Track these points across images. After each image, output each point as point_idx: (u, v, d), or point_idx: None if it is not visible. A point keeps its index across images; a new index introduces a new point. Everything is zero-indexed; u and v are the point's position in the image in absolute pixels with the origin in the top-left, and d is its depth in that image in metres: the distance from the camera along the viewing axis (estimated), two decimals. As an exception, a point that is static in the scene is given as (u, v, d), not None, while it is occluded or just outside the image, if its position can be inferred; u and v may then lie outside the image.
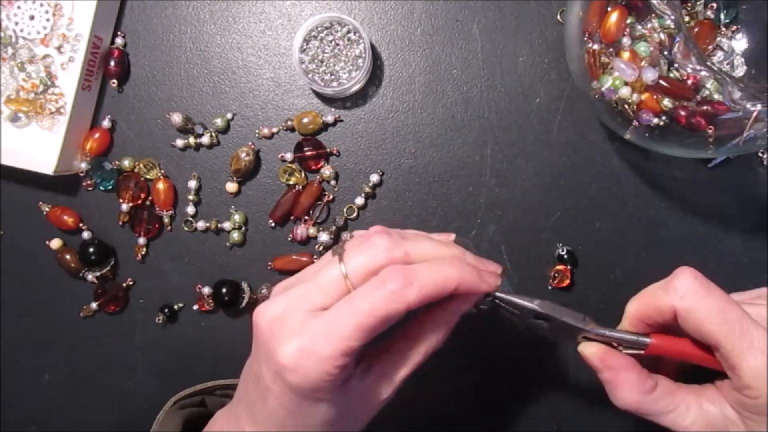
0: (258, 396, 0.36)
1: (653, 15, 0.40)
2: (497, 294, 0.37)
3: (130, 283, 0.52)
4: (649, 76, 0.39)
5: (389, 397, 0.37)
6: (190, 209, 0.51)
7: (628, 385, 0.35)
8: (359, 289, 0.34)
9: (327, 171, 0.50)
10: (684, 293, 0.34)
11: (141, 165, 0.51)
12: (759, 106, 0.36)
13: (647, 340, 0.36)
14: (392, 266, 0.34)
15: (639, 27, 0.41)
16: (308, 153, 0.50)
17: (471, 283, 0.35)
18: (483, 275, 0.36)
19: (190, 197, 0.51)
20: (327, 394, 0.34)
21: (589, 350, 0.37)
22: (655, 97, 0.41)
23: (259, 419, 0.37)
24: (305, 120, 0.50)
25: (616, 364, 0.36)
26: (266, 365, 0.35)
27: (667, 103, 0.40)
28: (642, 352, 0.36)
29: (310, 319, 0.34)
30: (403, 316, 0.34)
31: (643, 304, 0.36)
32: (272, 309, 0.35)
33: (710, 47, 0.46)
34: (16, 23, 0.48)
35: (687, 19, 0.46)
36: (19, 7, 0.48)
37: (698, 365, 0.37)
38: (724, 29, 0.46)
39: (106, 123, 0.51)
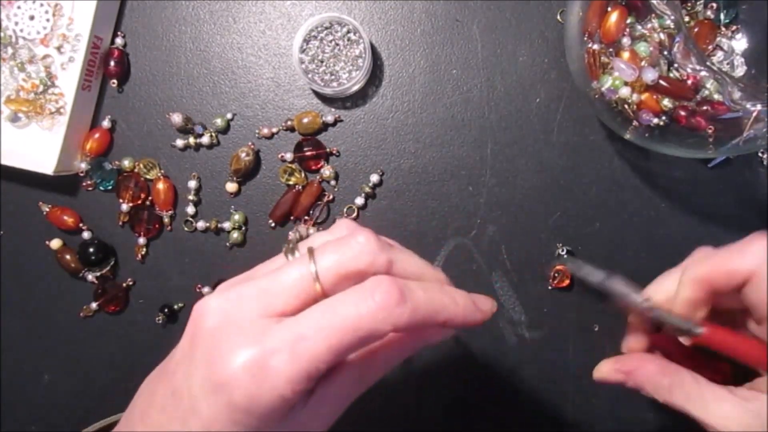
0: (172, 419, 0.28)
1: (653, 15, 0.40)
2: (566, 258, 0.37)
3: (130, 283, 0.52)
4: (649, 76, 0.40)
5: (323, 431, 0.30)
6: (190, 209, 0.51)
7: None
8: (337, 296, 0.27)
9: (327, 171, 0.50)
10: (763, 256, 0.32)
11: (141, 165, 0.51)
12: (759, 106, 0.36)
13: (700, 330, 0.34)
14: (383, 276, 0.27)
15: (639, 27, 0.41)
16: (308, 153, 0.50)
17: (465, 317, 0.30)
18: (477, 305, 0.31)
19: (190, 197, 0.51)
20: (269, 423, 0.27)
21: (606, 368, 0.37)
22: (655, 97, 0.41)
23: None
24: (305, 120, 0.50)
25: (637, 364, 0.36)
26: (201, 377, 0.27)
27: (667, 103, 0.41)
28: (689, 341, 0.36)
29: (270, 325, 0.27)
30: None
31: (713, 267, 0.34)
32: (221, 307, 0.28)
33: (710, 47, 0.46)
34: (16, 23, 0.48)
35: (687, 19, 0.46)
36: (19, 7, 0.48)
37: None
38: (724, 29, 0.46)
39: (106, 123, 0.51)
